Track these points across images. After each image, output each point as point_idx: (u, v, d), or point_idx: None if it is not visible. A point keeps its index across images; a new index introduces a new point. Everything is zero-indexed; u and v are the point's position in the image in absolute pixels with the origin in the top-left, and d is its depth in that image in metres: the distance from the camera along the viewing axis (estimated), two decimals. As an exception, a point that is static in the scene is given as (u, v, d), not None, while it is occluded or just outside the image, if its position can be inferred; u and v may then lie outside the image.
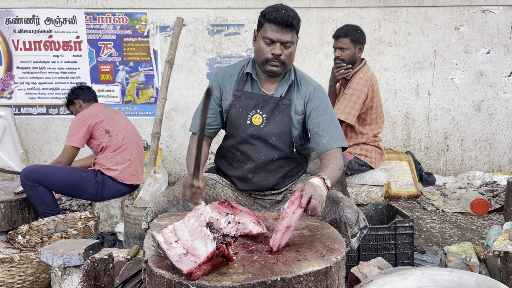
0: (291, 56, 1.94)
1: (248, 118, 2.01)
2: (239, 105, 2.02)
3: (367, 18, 4.95)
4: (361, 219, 1.83)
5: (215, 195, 2.08)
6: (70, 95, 3.45)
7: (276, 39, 1.87)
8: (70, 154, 3.19)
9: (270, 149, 2.01)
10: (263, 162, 2.02)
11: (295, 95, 2.02)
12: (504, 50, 4.98)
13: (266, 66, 1.94)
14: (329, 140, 1.92)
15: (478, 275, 1.46)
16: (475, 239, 3.29)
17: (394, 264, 2.51)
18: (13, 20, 4.89)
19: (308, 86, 2.03)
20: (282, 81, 2.03)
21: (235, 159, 2.08)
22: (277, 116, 1.99)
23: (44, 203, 3.07)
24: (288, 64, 1.96)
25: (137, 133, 3.55)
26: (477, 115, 5.10)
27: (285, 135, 2.00)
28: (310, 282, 1.25)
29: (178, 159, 5.20)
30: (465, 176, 4.94)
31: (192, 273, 1.16)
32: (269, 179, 2.05)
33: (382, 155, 3.19)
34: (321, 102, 2.00)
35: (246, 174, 2.05)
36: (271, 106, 1.99)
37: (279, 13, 1.84)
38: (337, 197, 1.93)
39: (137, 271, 2.21)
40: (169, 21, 4.93)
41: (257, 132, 2.00)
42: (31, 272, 2.20)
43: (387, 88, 5.06)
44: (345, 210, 1.83)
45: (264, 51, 1.91)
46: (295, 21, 1.88)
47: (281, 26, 1.85)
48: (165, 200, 1.92)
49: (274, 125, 1.99)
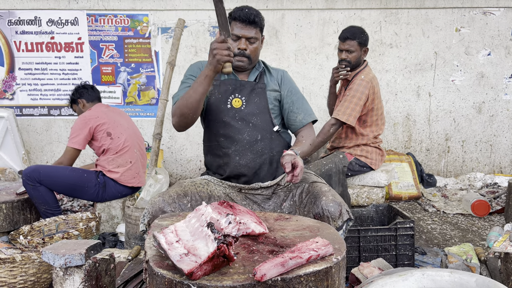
0: (256, 51, 2.13)
1: (229, 102, 2.13)
2: (218, 91, 2.15)
3: (368, 19, 4.96)
4: (344, 211, 1.84)
5: (209, 191, 2.11)
6: (74, 94, 3.44)
7: (241, 35, 2.08)
8: (72, 155, 3.20)
9: (252, 129, 2.12)
10: (248, 143, 2.11)
11: (268, 79, 2.22)
12: (505, 52, 4.98)
13: (233, 61, 2.08)
14: (304, 116, 2.20)
15: (479, 276, 1.46)
16: (476, 241, 3.29)
17: (395, 265, 2.51)
18: (15, 22, 4.91)
19: (278, 71, 2.28)
20: (253, 70, 2.22)
21: (219, 147, 2.15)
22: (255, 98, 2.15)
23: (46, 203, 3.08)
24: (254, 59, 2.15)
25: (139, 134, 3.55)
26: (478, 116, 5.10)
27: (264, 114, 2.15)
28: (310, 282, 1.25)
29: (179, 160, 5.21)
30: (466, 177, 4.94)
31: (193, 273, 1.17)
32: (256, 160, 2.12)
33: (382, 156, 3.20)
34: (291, 83, 2.26)
35: (233, 157, 2.10)
36: (248, 89, 2.15)
37: (243, 12, 2.06)
38: (321, 191, 1.97)
39: (138, 271, 2.22)
40: (170, 23, 4.95)
41: (239, 114, 2.12)
42: (33, 272, 2.21)
43: (388, 90, 5.06)
44: (328, 203, 1.85)
45: (231, 47, 2.06)
46: (257, 19, 2.08)
47: (245, 23, 2.06)
48: (160, 200, 1.94)
49: (254, 106, 2.13)
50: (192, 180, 2.14)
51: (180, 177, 5.21)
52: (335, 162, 2.93)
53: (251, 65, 2.17)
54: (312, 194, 1.99)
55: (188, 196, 2.01)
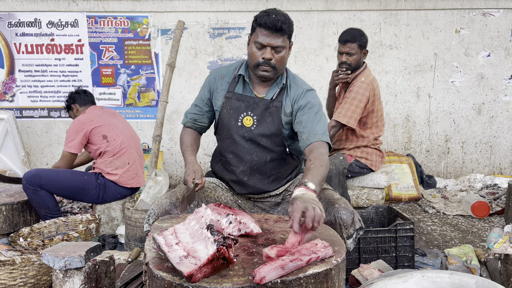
0: (282, 61, 1.95)
1: (239, 120, 2.03)
2: (230, 106, 2.04)
3: (367, 21, 4.96)
4: (357, 220, 1.81)
5: (216, 197, 2.08)
6: (67, 100, 3.46)
7: (267, 43, 1.89)
8: (69, 159, 3.22)
9: (262, 151, 2.03)
10: (256, 164, 2.04)
11: (284, 98, 2.03)
12: (504, 53, 4.98)
13: (257, 70, 1.96)
14: (308, 135, 1.93)
15: (479, 278, 1.47)
16: (476, 242, 3.29)
17: (395, 267, 2.51)
18: (15, 24, 4.92)
19: (298, 89, 2.04)
20: (273, 84, 2.05)
21: (228, 163, 2.10)
22: (268, 118, 2.01)
23: (46, 207, 3.07)
24: (279, 68, 1.97)
25: (135, 135, 3.54)
26: (477, 117, 5.11)
27: (275, 136, 2.02)
28: (310, 284, 1.25)
29: (179, 162, 5.21)
30: (466, 178, 4.94)
31: (193, 275, 1.17)
32: (264, 181, 2.07)
33: (382, 157, 3.20)
34: (307, 102, 2.00)
35: (241, 177, 2.06)
36: (262, 108, 2.01)
37: (270, 18, 1.86)
38: (333, 198, 1.92)
39: (138, 273, 2.21)
40: (170, 24, 4.95)
41: (248, 134, 2.02)
42: (33, 275, 2.21)
43: (388, 91, 5.07)
44: (340, 211, 1.82)
45: (255, 55, 1.93)
46: (286, 26, 1.88)
47: (271, 31, 1.87)
48: (167, 202, 1.91)
49: (265, 127, 2.01)
50: None
51: (180, 179, 5.21)
52: (335, 164, 2.93)
53: (277, 75, 2.00)
54: (324, 201, 1.93)
55: (195, 200, 1.98)
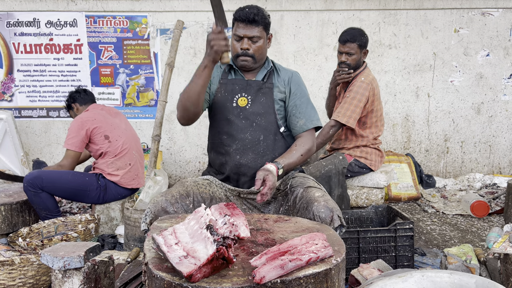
0: (260, 50, 2.10)
1: (234, 101, 2.14)
2: (225, 90, 2.16)
3: (367, 20, 4.96)
4: (336, 217, 1.78)
5: (211, 193, 2.11)
6: (68, 100, 3.44)
7: (243, 34, 2.08)
8: (73, 158, 3.17)
9: (256, 129, 2.11)
10: (249, 142, 2.10)
11: (276, 79, 2.19)
12: (503, 53, 4.99)
13: (237, 61, 2.12)
14: (305, 121, 2.14)
15: (478, 277, 1.47)
16: (475, 241, 3.29)
17: (394, 266, 2.51)
18: (14, 23, 4.91)
19: (287, 72, 2.24)
20: (261, 69, 2.19)
21: (221, 144, 2.15)
22: (261, 98, 2.14)
23: (46, 209, 3.06)
24: (258, 57, 2.12)
25: (136, 135, 3.53)
26: (477, 117, 5.11)
27: (269, 115, 2.13)
28: (310, 284, 1.25)
29: (179, 162, 5.21)
30: (465, 178, 4.94)
31: (192, 275, 1.17)
32: (257, 160, 2.11)
33: (382, 157, 3.20)
34: (298, 86, 2.20)
35: (234, 156, 2.11)
36: (255, 88, 2.14)
37: (243, 11, 2.07)
38: (313, 197, 1.92)
39: (138, 273, 2.21)
40: (169, 24, 4.95)
41: (243, 113, 2.12)
42: (32, 275, 2.20)
43: (387, 91, 5.07)
44: (319, 209, 1.81)
45: (235, 47, 2.11)
46: (258, 17, 2.06)
47: (245, 23, 2.06)
48: (163, 200, 1.93)
49: (259, 106, 2.12)
50: (194, 180, 2.14)
51: (179, 178, 5.21)
52: (334, 164, 2.93)
53: (257, 64, 2.14)
54: (305, 199, 1.94)
55: (190, 196, 2.01)
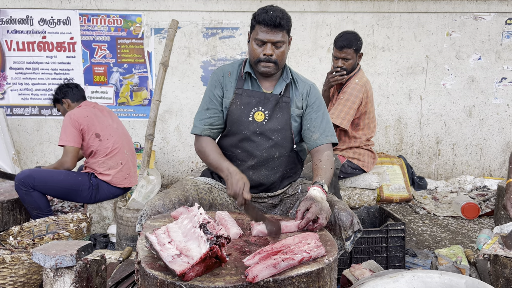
0: (283, 56, 2.00)
1: (251, 115, 2.04)
2: (240, 102, 2.06)
3: (360, 23, 4.99)
4: (355, 222, 1.85)
5: (211, 199, 2.05)
6: (57, 93, 3.33)
7: (267, 39, 1.95)
8: (73, 153, 3.11)
9: (272, 146, 2.05)
10: (265, 159, 2.05)
11: (293, 93, 2.10)
12: (495, 56, 5.04)
13: (258, 67, 2.01)
14: (319, 136, 2.06)
15: (468, 278, 1.48)
16: (466, 243, 3.32)
17: (386, 267, 2.52)
18: (7, 21, 4.87)
19: (305, 84, 2.14)
20: (280, 80, 2.09)
21: (234, 158, 2.08)
22: (278, 113, 2.06)
23: (38, 208, 3.04)
24: (280, 63, 2.02)
25: (127, 134, 3.51)
26: (468, 120, 5.16)
27: (285, 131, 2.06)
28: (302, 283, 1.26)
29: (172, 161, 5.20)
30: (456, 180, 4.98)
31: (185, 274, 1.17)
32: (270, 177, 2.08)
33: (374, 159, 3.22)
34: (316, 99, 2.12)
35: (247, 171, 2.05)
36: (273, 103, 2.05)
37: (268, 15, 1.91)
38: (332, 200, 1.94)
39: (130, 272, 2.20)
40: (163, 24, 4.94)
41: (260, 129, 2.04)
42: (23, 273, 2.19)
43: (380, 93, 5.10)
44: (340, 213, 1.84)
45: (256, 52, 1.99)
46: (284, 21, 1.93)
47: (270, 27, 1.92)
48: (160, 204, 1.89)
49: (276, 122, 2.05)
50: (195, 183, 2.07)
51: (172, 178, 5.20)
52: (327, 164, 2.93)
53: (278, 70, 2.04)
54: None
55: (189, 202, 1.95)
